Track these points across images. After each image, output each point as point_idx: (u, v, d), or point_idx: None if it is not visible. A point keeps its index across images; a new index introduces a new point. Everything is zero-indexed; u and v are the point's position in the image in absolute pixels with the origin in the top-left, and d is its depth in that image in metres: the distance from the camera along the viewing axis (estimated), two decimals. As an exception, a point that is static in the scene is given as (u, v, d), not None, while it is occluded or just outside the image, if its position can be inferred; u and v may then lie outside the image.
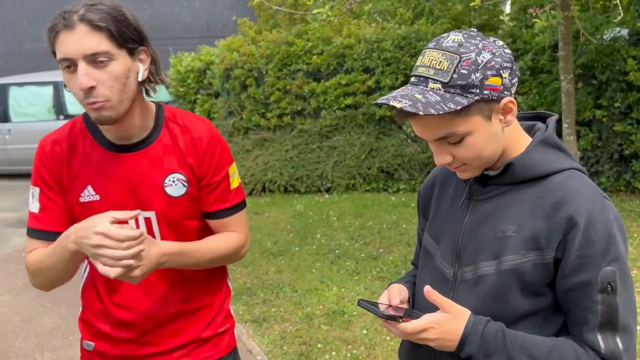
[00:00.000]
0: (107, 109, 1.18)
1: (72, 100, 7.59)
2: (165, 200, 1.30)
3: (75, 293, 4.09)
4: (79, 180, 1.28)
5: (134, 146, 1.29)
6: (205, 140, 1.33)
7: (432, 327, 0.96)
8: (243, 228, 1.42)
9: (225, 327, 1.47)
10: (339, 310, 3.47)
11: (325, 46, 6.23)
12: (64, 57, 1.15)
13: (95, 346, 1.39)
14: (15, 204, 6.80)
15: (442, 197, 1.16)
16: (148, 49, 1.25)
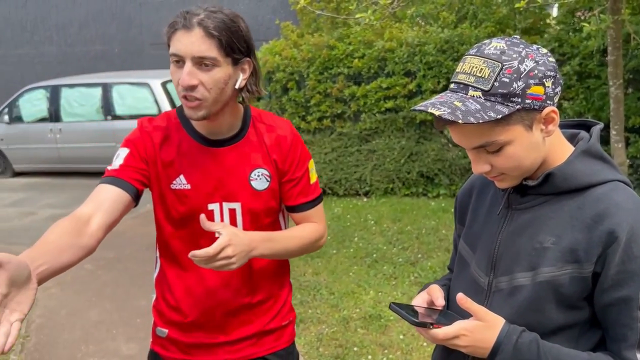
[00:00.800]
0: (201, 108, 1.26)
1: (120, 102, 7.86)
2: (250, 193, 1.38)
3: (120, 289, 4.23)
4: (172, 168, 1.36)
5: (224, 141, 1.38)
6: (289, 138, 1.42)
7: (464, 334, 0.95)
8: (321, 220, 1.50)
9: (288, 321, 1.55)
10: (375, 315, 3.46)
11: (367, 50, 6.23)
12: (175, 53, 1.24)
13: (168, 333, 1.47)
14: (64, 201, 7.07)
15: (479, 204, 1.14)
16: (252, 60, 1.32)
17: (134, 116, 7.77)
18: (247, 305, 1.45)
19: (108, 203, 1.26)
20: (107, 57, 13.35)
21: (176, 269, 1.43)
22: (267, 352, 1.50)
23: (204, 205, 1.37)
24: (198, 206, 1.37)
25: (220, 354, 1.46)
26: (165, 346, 1.48)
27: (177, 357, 1.47)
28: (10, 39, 14.24)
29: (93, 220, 1.20)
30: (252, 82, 1.35)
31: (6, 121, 8.29)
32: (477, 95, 0.92)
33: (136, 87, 7.82)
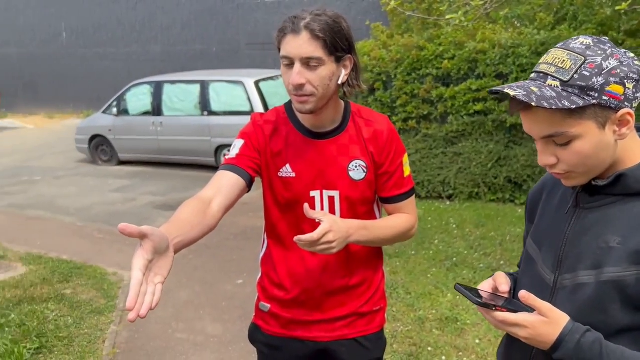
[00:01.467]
0: (309, 103, 1.40)
1: (216, 99, 8.30)
2: (348, 182, 1.50)
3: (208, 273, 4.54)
4: (279, 158, 1.51)
5: (326, 134, 1.50)
6: (386, 133, 1.52)
7: (526, 326, 0.97)
8: (413, 211, 1.59)
9: (380, 307, 1.65)
10: (452, 317, 3.44)
11: (457, 51, 6.15)
12: (285, 55, 1.38)
13: (270, 308, 1.62)
14: (163, 189, 7.60)
15: (549, 203, 1.16)
16: (353, 57, 1.44)
17: (227, 112, 8.18)
18: (343, 288, 1.56)
19: (226, 188, 1.41)
20: (205, 56, 14.08)
21: (281, 249, 1.57)
22: (358, 334, 1.60)
23: (306, 192, 1.50)
24: (301, 193, 1.50)
25: (315, 331, 1.58)
26: (267, 320, 1.63)
27: (276, 331, 1.62)
28: (120, 38, 15.41)
29: (214, 202, 1.35)
30: (353, 76, 1.47)
31: (114, 113, 9.02)
32: (555, 85, 0.95)
33: (231, 85, 8.22)
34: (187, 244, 1.19)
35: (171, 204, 6.74)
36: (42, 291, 4.20)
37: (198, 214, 1.28)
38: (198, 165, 8.50)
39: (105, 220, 6.25)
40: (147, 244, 0.98)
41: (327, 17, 1.37)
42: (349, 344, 1.60)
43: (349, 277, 1.56)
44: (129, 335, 3.57)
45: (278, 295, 1.60)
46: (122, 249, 5.22)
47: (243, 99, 8.05)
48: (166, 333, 3.58)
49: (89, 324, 3.69)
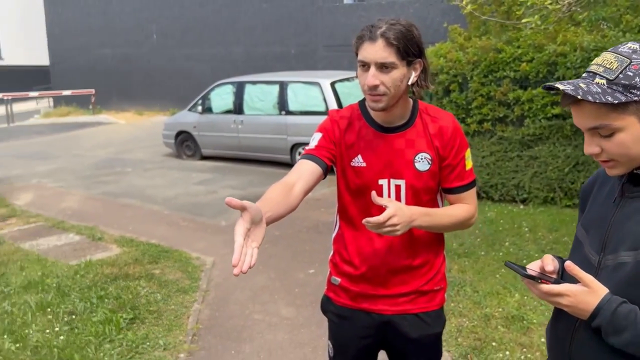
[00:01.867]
0: (382, 102, 1.59)
1: (293, 99, 8.63)
2: (414, 172, 1.67)
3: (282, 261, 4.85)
4: (352, 149, 1.71)
5: (395, 129, 1.68)
6: (450, 129, 1.68)
7: (568, 295, 1.10)
8: (473, 202, 1.74)
9: (440, 287, 1.81)
10: (518, 316, 3.49)
11: (537, 53, 6.06)
12: (362, 60, 1.57)
13: (340, 282, 1.82)
14: (242, 183, 8.02)
15: (599, 194, 1.27)
16: (423, 60, 1.61)
17: (304, 112, 8.49)
18: (406, 267, 1.73)
19: (306, 174, 1.62)
20: (284, 57, 14.55)
21: (351, 230, 1.77)
22: (420, 310, 1.77)
23: (375, 180, 1.69)
24: (370, 181, 1.69)
25: (380, 304, 1.77)
26: (337, 292, 1.84)
27: (345, 303, 1.82)
28: (205, 40, 16.23)
29: (296, 186, 1.57)
30: (422, 78, 1.64)
31: (199, 111, 9.59)
32: (602, 83, 1.07)
33: (308, 85, 8.53)
34: (275, 218, 1.41)
35: (249, 197, 7.07)
36: (134, 270, 4.64)
37: (283, 195, 1.50)
38: (274, 162, 8.88)
39: (189, 210, 6.71)
40: (245, 215, 1.22)
41: (400, 25, 1.54)
42: (410, 318, 1.76)
43: (412, 258, 1.73)
44: (211, 314, 3.89)
45: (348, 271, 1.79)
46: (204, 237, 5.62)
47: (319, 99, 8.32)
48: (243, 313, 3.87)
49: (175, 301, 4.06)
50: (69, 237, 5.72)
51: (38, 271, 4.62)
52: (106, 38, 18.50)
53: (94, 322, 3.66)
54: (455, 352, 3.19)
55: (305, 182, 1.60)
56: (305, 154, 1.70)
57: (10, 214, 6.69)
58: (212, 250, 5.16)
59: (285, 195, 1.51)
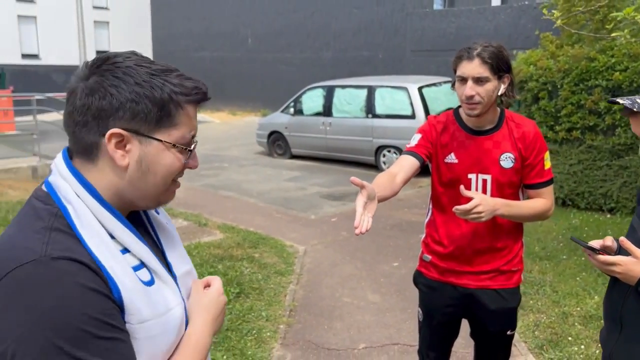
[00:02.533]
0: (477, 109, 1.94)
1: (380, 103, 8.98)
2: (499, 169, 2.01)
3: (367, 254, 5.26)
4: (446, 148, 2.07)
5: (483, 132, 2.02)
6: (532, 134, 2.01)
7: (620, 264, 1.39)
8: (550, 197, 2.05)
9: (517, 268, 2.13)
10: (596, 315, 3.65)
11: (631, 63, 6.03)
12: (461, 75, 1.93)
13: (431, 259, 2.19)
14: (328, 181, 8.50)
15: None
16: (510, 75, 1.96)
17: (390, 116, 8.82)
18: (488, 249, 2.06)
19: (406, 167, 2.01)
20: (371, 62, 14.92)
21: (442, 216, 2.12)
22: (499, 286, 2.09)
23: (464, 174, 2.03)
24: (461, 175, 2.04)
25: (464, 279, 2.11)
26: (428, 268, 2.20)
27: (434, 276, 2.18)
28: (297, 44, 16.93)
29: (398, 176, 1.96)
30: (510, 89, 1.98)
31: (291, 113, 10.20)
32: None
33: (396, 90, 8.85)
34: (384, 198, 1.82)
35: (335, 195, 7.58)
36: (237, 252, 5.21)
37: (389, 182, 1.91)
38: (360, 163, 9.28)
39: (281, 203, 7.27)
40: (364, 192, 1.63)
41: (492, 47, 1.90)
42: (490, 293, 2.09)
43: (494, 241, 2.05)
44: (305, 294, 4.36)
45: (438, 250, 2.14)
46: (296, 228, 6.13)
47: (406, 103, 8.63)
48: (334, 296, 4.30)
49: (273, 281, 4.56)
50: (178, 222, 6.43)
51: (156, 249, 5.31)
52: (205, 42, 19.78)
53: (206, 293, 4.23)
54: (532, 343, 3.42)
55: (405, 173, 1.99)
56: (407, 150, 2.09)
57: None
58: (304, 240, 5.64)
59: (390, 182, 1.91)
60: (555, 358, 3.23)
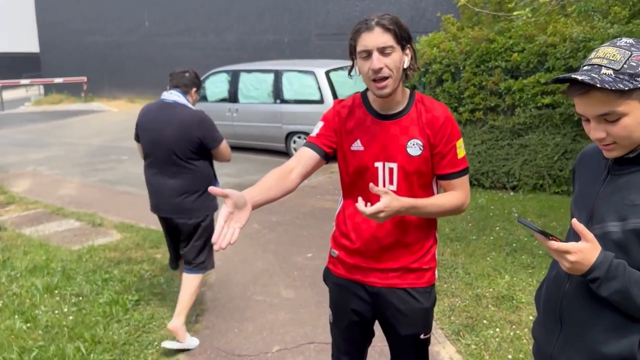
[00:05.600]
0: (387, 87, 1.73)
1: (288, 87, 8.72)
2: (405, 157, 1.81)
3: (280, 246, 4.99)
4: (352, 135, 1.86)
5: (391, 116, 1.83)
6: (441, 119, 1.82)
7: (575, 252, 1.23)
8: (464, 188, 1.87)
9: (429, 266, 1.95)
10: (508, 296, 3.67)
11: (527, 44, 6.21)
12: (363, 49, 1.71)
13: (338, 254, 1.98)
14: (237, 171, 8.13)
15: (586, 172, 1.45)
16: (412, 45, 1.77)
17: (298, 101, 8.59)
18: (396, 244, 1.88)
19: (305, 160, 1.80)
20: (277, 45, 14.58)
21: (351, 208, 1.91)
22: (408, 285, 1.91)
23: (371, 162, 1.83)
24: (367, 163, 1.84)
25: (372, 277, 1.92)
26: (335, 264, 2.00)
27: (342, 274, 1.98)
28: (198, 27, 16.19)
29: (294, 171, 1.75)
30: (413, 61, 1.80)
31: (194, 100, 9.65)
32: (609, 73, 1.22)
33: (303, 74, 8.62)
34: (265, 201, 1.63)
35: (245, 185, 7.23)
36: (136, 254, 4.77)
37: (279, 179, 1.72)
38: (269, 150, 8.99)
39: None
40: (228, 201, 1.44)
41: (389, 15, 1.73)
42: (399, 292, 1.91)
43: (402, 236, 1.87)
44: (213, 295, 4.04)
45: (345, 244, 1.94)
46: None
47: (314, 88, 8.43)
48: (245, 295, 4.02)
49: (177, 284, 4.17)
50: (69, 223, 5.82)
51: (42, 255, 4.74)
52: (97, 25, 18.40)
53: (100, 303, 3.79)
54: (449, 329, 3.36)
55: (303, 167, 1.79)
56: (307, 141, 1.87)
57: (9, 201, 6.77)
58: (212, 236, 5.29)
59: (281, 179, 1.73)
60: (472, 343, 3.18)
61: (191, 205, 3.25)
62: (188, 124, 3.16)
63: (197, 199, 3.26)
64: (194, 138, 3.16)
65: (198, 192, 3.26)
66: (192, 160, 3.21)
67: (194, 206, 3.26)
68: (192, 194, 3.25)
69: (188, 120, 3.17)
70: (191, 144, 3.17)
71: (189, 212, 3.26)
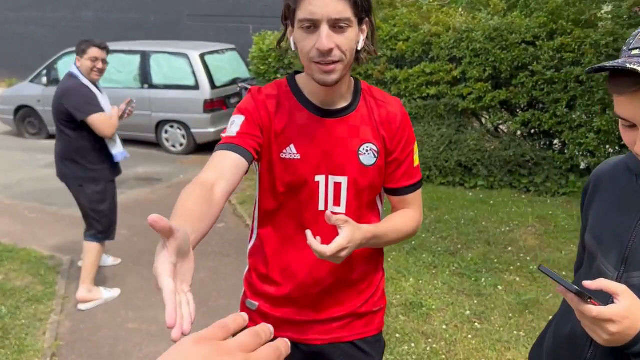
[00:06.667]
0: (336, 72, 1.22)
1: (157, 71, 7.84)
2: (358, 167, 1.34)
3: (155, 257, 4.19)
4: (283, 137, 1.32)
5: (335, 112, 1.33)
6: (399, 117, 1.37)
7: (619, 320, 0.87)
8: (419, 205, 1.46)
9: (379, 307, 1.52)
10: (416, 302, 3.41)
11: (412, 33, 6.09)
12: (308, 18, 1.18)
13: (258, 306, 1.45)
14: (98, 166, 7.11)
15: (607, 197, 1.09)
16: (371, 19, 1.27)
17: (169, 86, 7.76)
18: (340, 283, 1.42)
19: (229, 170, 1.21)
20: (143, 25, 13.32)
21: (276, 240, 1.40)
22: (356, 337, 1.47)
23: (311, 176, 1.33)
24: (305, 177, 1.33)
25: (309, 333, 1.43)
26: (255, 320, 1.45)
27: None
28: (47, 2, 14.29)
29: (217, 188, 1.15)
30: (370, 42, 1.31)
31: (44, 83, 8.33)
32: None
33: (175, 57, 7.79)
34: (199, 239, 1.00)
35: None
36: (-31, 277, 3.79)
37: (204, 203, 1.08)
38: (138, 141, 8.04)
39: (37, 198, 5.76)
40: (171, 244, 0.80)
41: None
42: (345, 347, 1.47)
43: (349, 272, 1.43)
44: (73, 325, 3.28)
45: (268, 291, 1.44)
46: (58, 231, 4.82)
47: (187, 72, 7.66)
48: (115, 322, 3.32)
49: (25, 313, 3.36)
50: None
51: None
52: None
53: None
54: (359, 347, 2.99)
55: (227, 182, 1.18)
56: (225, 143, 1.27)
57: None
58: (70, 247, 4.41)
59: (207, 203, 1.09)
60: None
61: (66, 172, 3.43)
62: (59, 93, 3.37)
63: (70, 167, 3.40)
64: (61, 107, 3.31)
65: (72, 161, 3.39)
66: (66, 128, 3.35)
67: (67, 173, 3.43)
68: (67, 160, 3.41)
69: (59, 89, 3.39)
70: (60, 112, 3.33)
71: (65, 179, 3.46)
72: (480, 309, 3.32)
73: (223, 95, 7.73)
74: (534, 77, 5.55)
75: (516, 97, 5.69)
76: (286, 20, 1.27)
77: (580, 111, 5.43)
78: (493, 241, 4.33)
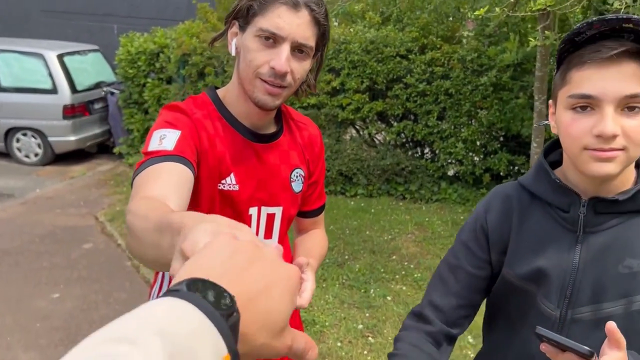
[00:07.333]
0: (280, 97, 1.10)
1: (6, 72, 6.95)
2: (290, 196, 1.23)
3: (11, 287, 3.65)
4: (223, 165, 1.12)
5: (266, 137, 1.19)
6: (318, 139, 1.30)
7: None
8: (323, 224, 1.42)
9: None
10: (309, 320, 3.31)
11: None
12: (271, 30, 1.03)
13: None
14: None
15: (525, 228, 1.01)
16: (323, 54, 1.18)
17: (21, 89, 6.92)
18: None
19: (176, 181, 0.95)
20: (-15, 20, 11.84)
21: None
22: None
23: (245, 209, 1.17)
24: (240, 211, 1.16)
25: None
26: None
27: None
28: None
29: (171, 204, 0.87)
30: (313, 75, 1.21)
31: None
32: None
33: (27, 57, 6.97)
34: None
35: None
36: None
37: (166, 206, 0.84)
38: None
39: None
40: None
41: (323, 5, 1.10)
42: None
43: None
44: None
45: None
46: None
47: (43, 74, 6.89)
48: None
49: None
50: None
51: None
52: None
53: None
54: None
55: (179, 197, 0.92)
56: (163, 155, 0.99)
57: None
58: None
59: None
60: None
61: None
62: None
63: None
64: None
65: None
66: None
67: None
68: None
69: None
70: None
71: None
72: (372, 321, 3.31)
73: (85, 100, 7.06)
74: (407, 89, 5.79)
75: (392, 109, 5.89)
76: (237, 18, 1.10)
77: (449, 122, 5.77)
78: (378, 250, 4.39)
